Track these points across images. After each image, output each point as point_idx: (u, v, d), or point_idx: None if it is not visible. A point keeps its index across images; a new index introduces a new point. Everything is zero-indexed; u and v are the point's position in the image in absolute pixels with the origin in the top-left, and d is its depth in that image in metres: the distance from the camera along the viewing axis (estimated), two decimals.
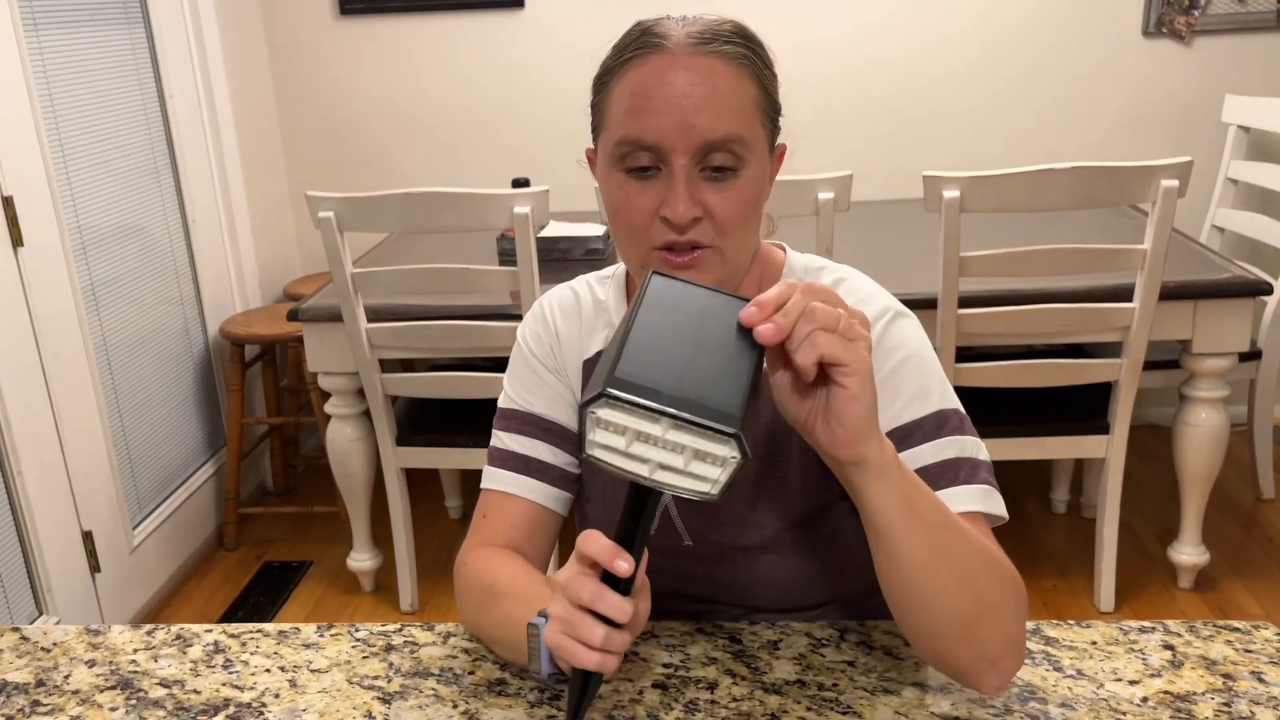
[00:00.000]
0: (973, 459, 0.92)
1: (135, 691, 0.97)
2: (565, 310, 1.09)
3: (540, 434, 1.07)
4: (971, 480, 0.91)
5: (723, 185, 0.90)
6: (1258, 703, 0.88)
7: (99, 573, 2.39)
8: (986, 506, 0.91)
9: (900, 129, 3.13)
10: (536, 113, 3.20)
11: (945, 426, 0.93)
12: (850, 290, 0.99)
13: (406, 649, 1.01)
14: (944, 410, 0.93)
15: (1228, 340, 2.18)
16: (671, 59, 0.89)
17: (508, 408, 1.09)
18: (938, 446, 0.92)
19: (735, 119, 0.89)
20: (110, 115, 2.51)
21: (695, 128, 0.88)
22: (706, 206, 0.90)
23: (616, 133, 0.91)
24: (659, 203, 0.90)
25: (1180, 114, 3.05)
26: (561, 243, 2.54)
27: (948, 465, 0.91)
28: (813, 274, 1.02)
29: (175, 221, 2.80)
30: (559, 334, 1.08)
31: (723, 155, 0.89)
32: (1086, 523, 2.74)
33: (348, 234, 2.15)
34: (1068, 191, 2.01)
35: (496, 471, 1.07)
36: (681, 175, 0.89)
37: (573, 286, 1.11)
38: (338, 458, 2.44)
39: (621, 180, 0.92)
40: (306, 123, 3.28)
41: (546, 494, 1.06)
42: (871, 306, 0.97)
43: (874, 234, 2.67)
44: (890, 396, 0.93)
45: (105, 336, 2.47)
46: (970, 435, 0.94)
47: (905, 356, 0.95)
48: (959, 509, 0.89)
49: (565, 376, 1.08)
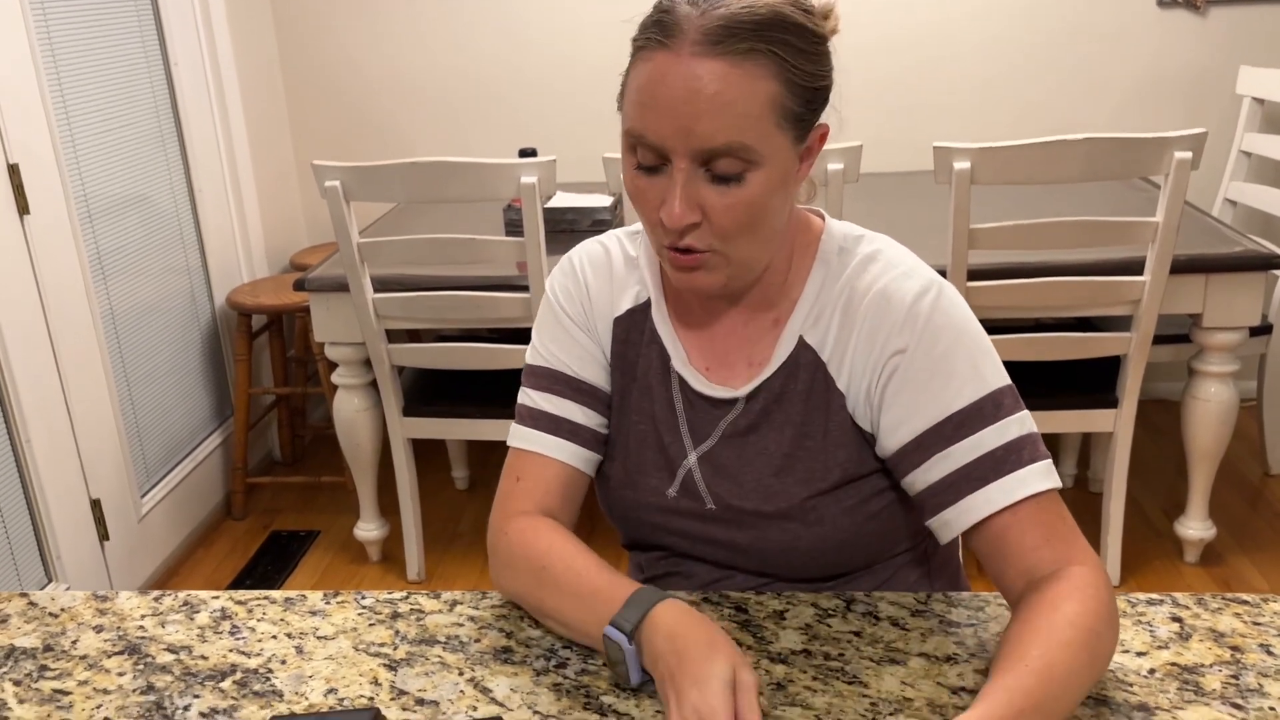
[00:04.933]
0: (1031, 434, 0.92)
1: (143, 657, 0.97)
2: (596, 266, 1.08)
3: (571, 394, 1.05)
4: (1034, 458, 0.91)
5: (726, 190, 0.88)
6: (1266, 675, 0.87)
7: (108, 541, 2.40)
8: (1051, 481, 0.91)
9: (911, 101, 3.10)
10: (545, 83, 3.17)
11: (1002, 407, 0.92)
12: (888, 264, 0.98)
13: (413, 616, 1.01)
14: (999, 389, 0.93)
15: (1238, 314, 2.16)
16: (675, 60, 0.85)
17: (538, 365, 1.07)
18: (1000, 430, 0.91)
19: (740, 126, 0.85)
20: (115, 83, 2.50)
21: (694, 134, 0.85)
22: (706, 210, 0.89)
23: (628, 120, 0.90)
24: (662, 201, 0.90)
25: (1194, 86, 3.02)
26: (569, 214, 2.52)
27: (1012, 447, 0.91)
28: (850, 242, 1.01)
29: (181, 191, 2.79)
30: (589, 290, 1.07)
31: (726, 162, 0.87)
32: (1093, 497, 2.74)
33: (354, 204, 2.14)
34: (1080, 163, 2.00)
35: (528, 431, 1.05)
36: (680, 179, 0.88)
37: (603, 241, 1.09)
38: (344, 428, 2.44)
39: (633, 170, 0.92)
40: (312, 92, 3.26)
41: (577, 455, 1.05)
42: (913, 281, 0.96)
43: (884, 206, 2.65)
44: (945, 378, 0.93)
45: (112, 305, 2.47)
46: (1022, 409, 0.93)
47: (956, 335, 0.94)
48: (1030, 491, 0.89)
49: (595, 334, 1.07)
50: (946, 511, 0.93)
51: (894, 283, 0.96)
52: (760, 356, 1.01)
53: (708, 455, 1.03)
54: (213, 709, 0.89)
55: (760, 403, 1.01)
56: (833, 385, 0.98)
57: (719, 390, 1.02)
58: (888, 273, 0.97)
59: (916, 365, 0.94)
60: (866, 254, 0.99)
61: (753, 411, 1.01)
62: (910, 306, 0.94)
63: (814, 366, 0.99)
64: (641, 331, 1.06)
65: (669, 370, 1.04)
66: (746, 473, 1.02)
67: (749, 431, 1.02)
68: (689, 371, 1.03)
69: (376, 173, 2.09)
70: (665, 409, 1.05)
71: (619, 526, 1.12)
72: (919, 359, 0.94)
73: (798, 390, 1.00)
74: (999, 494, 0.90)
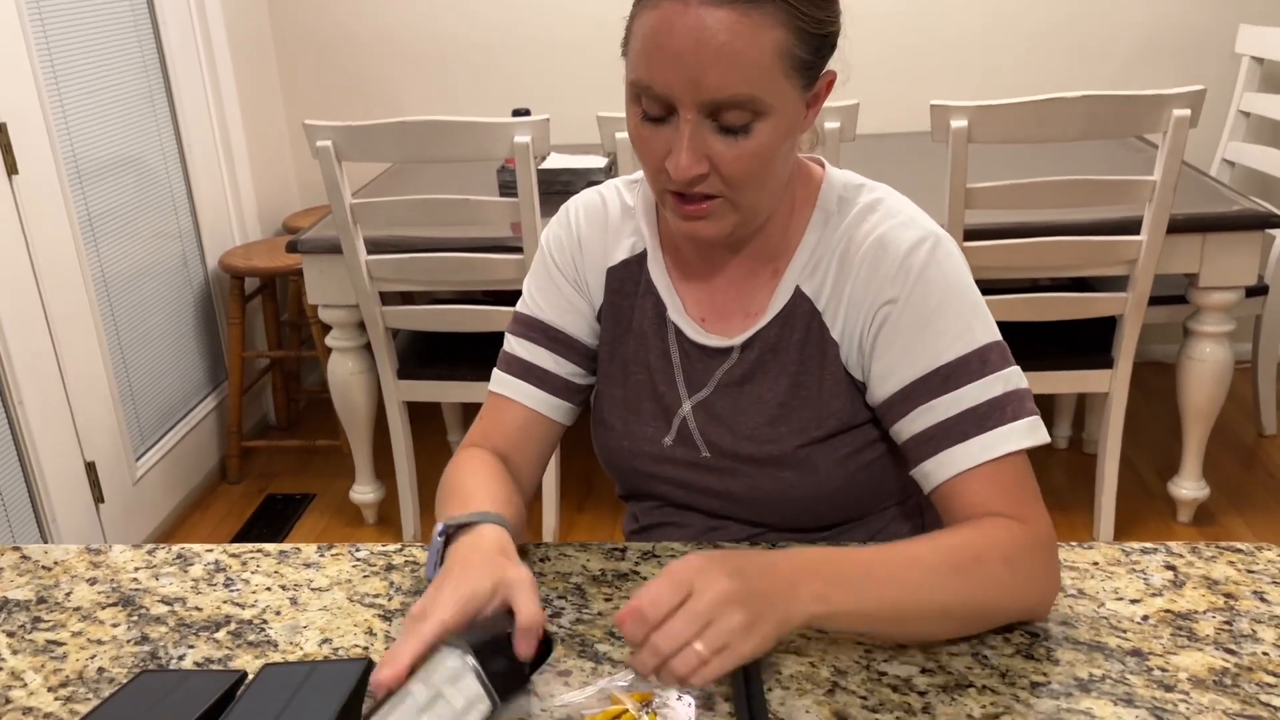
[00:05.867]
0: (1017, 390, 0.92)
1: (137, 608, 0.97)
2: (591, 216, 1.08)
3: (546, 341, 1.07)
4: (1019, 415, 0.91)
5: (733, 142, 0.87)
6: (1259, 621, 0.88)
7: (103, 503, 2.40)
8: (1032, 439, 0.91)
9: (907, 61, 3.07)
10: (538, 43, 3.14)
11: (989, 362, 0.92)
12: (888, 213, 0.97)
13: (407, 568, 1.01)
14: (987, 345, 0.92)
15: (1235, 274, 2.16)
16: (683, 9, 0.83)
17: (522, 312, 1.09)
18: (984, 385, 0.91)
19: (747, 77, 0.84)
20: (102, 42, 2.47)
21: (702, 86, 0.84)
22: (714, 160, 0.88)
23: (633, 70, 0.89)
24: (668, 151, 0.88)
25: (1192, 45, 2.99)
26: (563, 175, 2.51)
27: (995, 404, 0.91)
28: (851, 191, 1.00)
29: (172, 152, 2.76)
30: (581, 241, 1.08)
31: (734, 113, 0.86)
32: (1087, 458, 2.74)
33: (346, 165, 2.12)
34: (1077, 121, 1.98)
35: (500, 374, 1.09)
36: (687, 130, 0.86)
37: (601, 192, 1.09)
38: (339, 391, 2.44)
39: (638, 119, 0.90)
40: (304, 52, 3.22)
41: (544, 402, 1.07)
42: (910, 231, 0.95)
43: (880, 166, 2.63)
44: (935, 331, 0.92)
45: (103, 268, 2.46)
46: (1011, 365, 0.93)
47: (949, 289, 0.93)
48: (1010, 449, 0.90)
49: (584, 286, 1.08)
50: (927, 463, 0.93)
51: (891, 231, 0.95)
52: (757, 306, 1.01)
53: (703, 404, 1.03)
54: (207, 659, 0.89)
55: (755, 352, 1.00)
56: (827, 334, 0.98)
57: (714, 340, 1.02)
58: (886, 221, 0.96)
59: (907, 316, 0.93)
60: (866, 203, 0.98)
61: (748, 361, 1.01)
62: (905, 256, 0.94)
63: (809, 316, 0.98)
64: (637, 283, 1.05)
65: (665, 320, 1.04)
66: (741, 421, 1.01)
67: (744, 381, 1.01)
68: (685, 321, 1.03)
69: (369, 132, 2.07)
70: (661, 359, 1.04)
71: (615, 476, 1.12)
72: (910, 310, 0.93)
73: (793, 340, 0.99)
74: (978, 449, 0.90)
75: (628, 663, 0.85)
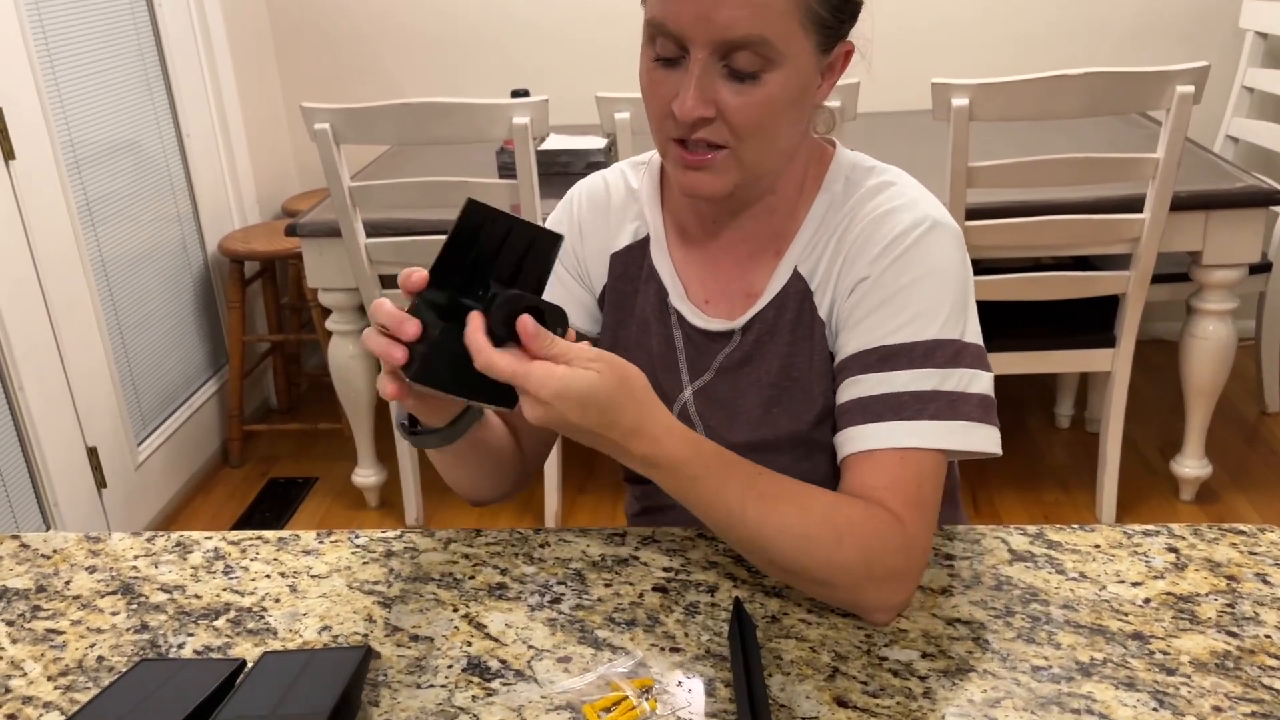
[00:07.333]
0: (956, 393, 0.89)
1: (136, 596, 0.97)
2: (594, 202, 1.08)
3: None
4: (943, 416, 0.88)
5: (742, 87, 0.86)
6: (1262, 603, 0.87)
7: (105, 488, 2.40)
8: (946, 442, 0.88)
9: (909, 39, 3.05)
10: (536, 24, 3.12)
11: (934, 357, 0.89)
12: (895, 194, 0.95)
13: (407, 555, 1.01)
14: (941, 339, 0.89)
15: (1238, 251, 2.15)
16: None
17: None
18: (915, 376, 0.89)
19: (761, 18, 0.83)
20: (98, 26, 2.45)
21: (714, 22, 0.83)
22: (722, 106, 0.86)
23: (649, 9, 0.88)
24: (675, 96, 0.87)
25: (1196, 20, 2.97)
26: (562, 156, 2.49)
27: (919, 397, 0.88)
28: (860, 172, 0.99)
29: (169, 136, 2.75)
30: (583, 229, 1.07)
31: (746, 56, 0.84)
32: (1090, 437, 2.74)
33: (344, 148, 2.11)
34: (1080, 98, 1.96)
35: None
36: (696, 70, 0.85)
37: (605, 176, 1.09)
38: (340, 374, 2.43)
39: (650, 63, 0.89)
40: (301, 34, 3.20)
41: None
42: (909, 214, 0.93)
43: (881, 145, 2.60)
44: (893, 312, 0.90)
45: (103, 253, 2.45)
46: (965, 368, 0.90)
47: (925, 273, 0.91)
48: (911, 443, 0.87)
49: (585, 275, 1.08)
50: (839, 434, 0.92)
51: (891, 213, 0.94)
52: (758, 288, 1.00)
53: (704, 389, 1.02)
54: (207, 647, 0.89)
55: (754, 334, 1.00)
56: (816, 314, 0.97)
57: (716, 324, 1.01)
58: (890, 203, 0.95)
59: (875, 292, 0.92)
60: (874, 185, 0.97)
61: (747, 343, 1.00)
62: (896, 237, 0.92)
63: (802, 296, 0.98)
64: (639, 268, 1.05)
65: (667, 306, 1.03)
66: (739, 405, 1.01)
67: (744, 363, 1.01)
68: (686, 306, 1.02)
69: (367, 114, 2.06)
70: (663, 344, 1.04)
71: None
72: (879, 286, 0.92)
73: (786, 320, 0.98)
74: (886, 433, 0.88)
75: None
